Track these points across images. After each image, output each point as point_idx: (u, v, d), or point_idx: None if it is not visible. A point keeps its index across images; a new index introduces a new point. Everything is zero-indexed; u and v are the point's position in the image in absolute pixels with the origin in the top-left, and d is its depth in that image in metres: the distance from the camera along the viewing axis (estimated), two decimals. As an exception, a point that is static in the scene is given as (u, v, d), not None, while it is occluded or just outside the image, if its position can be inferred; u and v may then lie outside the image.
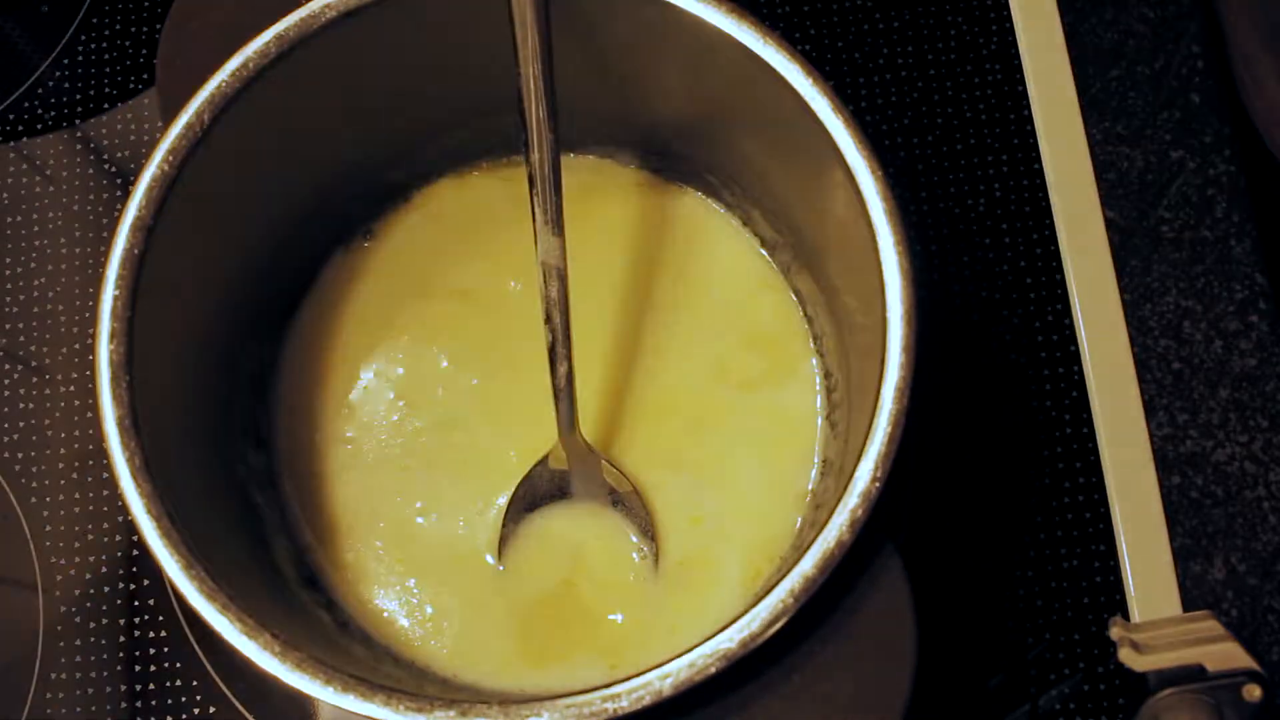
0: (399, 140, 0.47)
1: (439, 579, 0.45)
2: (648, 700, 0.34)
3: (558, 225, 0.39)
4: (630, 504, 0.45)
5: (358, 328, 0.48)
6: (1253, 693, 0.44)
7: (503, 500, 0.45)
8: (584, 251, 0.43)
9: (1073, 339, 0.52)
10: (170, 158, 0.39)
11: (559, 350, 0.41)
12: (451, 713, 0.34)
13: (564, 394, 0.42)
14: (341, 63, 0.41)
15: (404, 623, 0.44)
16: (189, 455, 0.41)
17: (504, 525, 0.45)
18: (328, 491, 0.46)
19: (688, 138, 0.47)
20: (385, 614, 0.45)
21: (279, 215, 0.45)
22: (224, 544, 0.40)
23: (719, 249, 0.48)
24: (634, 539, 0.45)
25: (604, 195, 0.49)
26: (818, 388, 0.46)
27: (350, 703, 0.34)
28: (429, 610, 0.45)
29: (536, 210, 0.39)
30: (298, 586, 0.44)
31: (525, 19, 0.37)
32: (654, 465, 0.46)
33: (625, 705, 0.34)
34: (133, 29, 0.57)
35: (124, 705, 0.48)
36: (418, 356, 0.47)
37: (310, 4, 0.39)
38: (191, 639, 0.49)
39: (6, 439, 0.52)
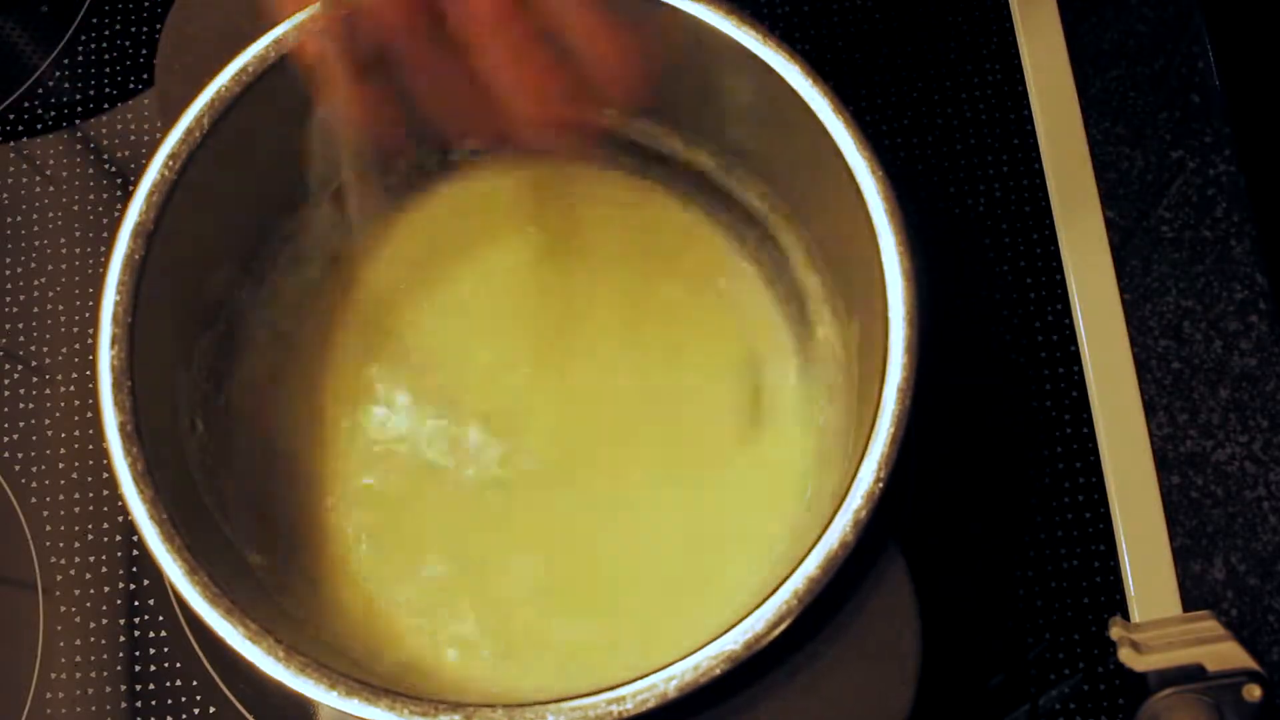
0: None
1: (440, 585, 0.45)
2: (652, 702, 0.34)
3: None
4: None
5: (356, 332, 0.47)
6: (1253, 693, 0.44)
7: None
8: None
9: (1073, 339, 0.52)
10: (171, 162, 0.39)
11: None
12: (456, 717, 0.34)
13: None
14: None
15: (401, 629, 0.44)
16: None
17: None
18: (328, 490, 0.46)
19: (687, 136, 0.46)
20: (380, 617, 0.44)
21: (279, 219, 0.45)
22: (224, 549, 0.40)
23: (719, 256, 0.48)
24: None
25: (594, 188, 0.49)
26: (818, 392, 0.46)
27: (354, 707, 0.34)
28: (427, 616, 0.44)
29: None
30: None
31: None
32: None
33: (630, 707, 0.34)
34: (133, 29, 0.57)
35: (124, 705, 0.48)
36: (416, 361, 0.47)
37: (309, 8, 0.39)
38: (191, 639, 0.49)
39: (6, 439, 0.52)
